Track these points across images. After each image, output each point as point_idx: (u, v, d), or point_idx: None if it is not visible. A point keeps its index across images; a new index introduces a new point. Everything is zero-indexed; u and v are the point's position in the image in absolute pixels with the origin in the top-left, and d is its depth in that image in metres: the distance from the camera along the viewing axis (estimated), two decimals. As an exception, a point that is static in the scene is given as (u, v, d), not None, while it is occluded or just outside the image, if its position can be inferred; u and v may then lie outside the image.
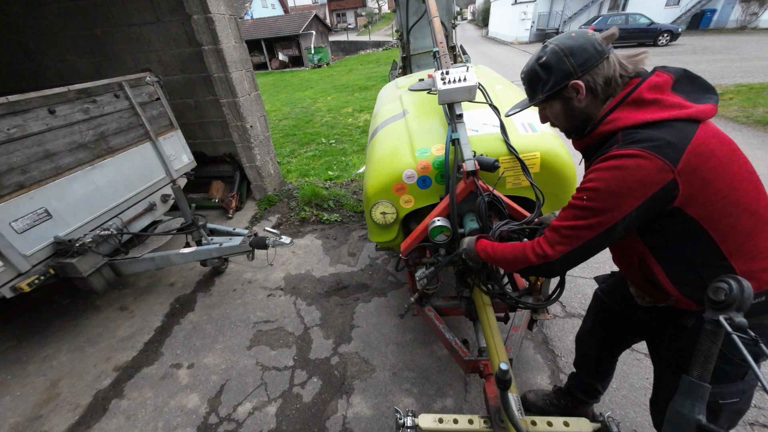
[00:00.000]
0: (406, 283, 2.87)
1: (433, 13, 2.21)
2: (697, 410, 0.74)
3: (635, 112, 0.91)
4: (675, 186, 0.84)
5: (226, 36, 3.55)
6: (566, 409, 1.75)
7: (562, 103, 1.02)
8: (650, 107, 0.89)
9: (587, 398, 1.68)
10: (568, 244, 0.98)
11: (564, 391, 1.76)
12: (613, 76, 0.94)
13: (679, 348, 1.09)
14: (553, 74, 0.97)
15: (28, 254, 2.14)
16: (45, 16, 3.87)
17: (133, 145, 2.88)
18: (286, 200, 4.43)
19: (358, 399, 2.04)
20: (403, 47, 4.33)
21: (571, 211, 0.98)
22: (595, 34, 0.94)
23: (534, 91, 1.05)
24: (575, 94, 0.98)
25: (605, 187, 0.89)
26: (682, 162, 0.83)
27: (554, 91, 1.00)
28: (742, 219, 0.88)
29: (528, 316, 1.81)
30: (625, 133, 0.91)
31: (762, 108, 5.70)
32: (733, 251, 0.89)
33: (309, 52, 22.17)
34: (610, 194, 0.88)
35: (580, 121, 1.04)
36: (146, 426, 2.02)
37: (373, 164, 1.89)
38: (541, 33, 22.17)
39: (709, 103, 0.88)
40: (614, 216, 0.90)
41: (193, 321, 2.74)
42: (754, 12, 17.17)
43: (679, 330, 1.07)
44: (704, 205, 0.86)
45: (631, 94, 0.92)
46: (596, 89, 0.96)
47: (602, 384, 1.64)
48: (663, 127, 0.86)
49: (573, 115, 1.03)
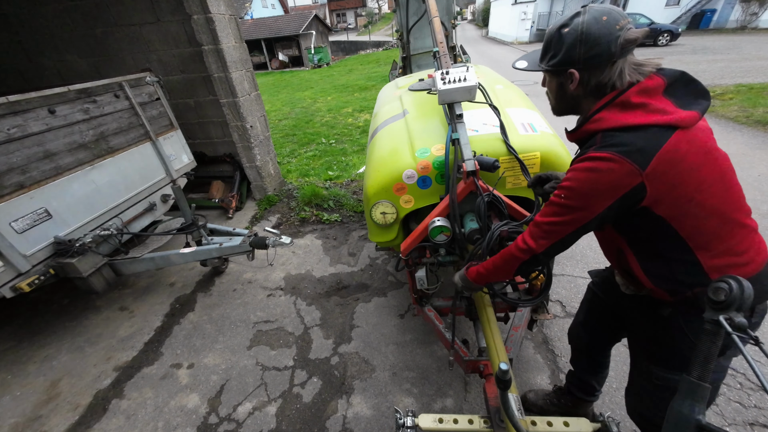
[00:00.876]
0: (406, 283, 2.87)
1: (433, 13, 2.21)
2: (697, 410, 0.74)
3: (619, 115, 0.94)
4: (643, 188, 0.89)
5: (226, 36, 3.55)
6: (566, 408, 1.76)
7: (557, 82, 1.06)
8: (635, 111, 0.92)
9: (585, 396, 1.69)
10: (548, 238, 1.06)
11: (564, 390, 1.77)
12: (606, 83, 0.96)
13: (653, 336, 1.16)
14: (563, 52, 0.98)
15: (28, 254, 2.14)
16: (45, 16, 3.86)
17: (133, 145, 2.88)
18: (286, 200, 4.43)
19: (358, 399, 2.04)
20: (403, 47, 4.33)
21: (551, 208, 1.04)
22: (621, 31, 0.90)
23: (544, 55, 1.07)
24: (569, 81, 1.01)
25: (578, 187, 0.95)
26: (650, 167, 0.87)
27: (555, 70, 1.03)
28: (709, 220, 0.93)
29: (528, 316, 1.81)
30: (604, 134, 0.95)
31: (762, 108, 5.70)
32: (700, 247, 0.95)
33: (309, 52, 22.17)
34: (583, 194, 0.95)
35: (567, 105, 1.09)
36: (146, 426, 2.02)
37: (373, 164, 1.89)
38: (541, 33, 22.15)
39: (694, 111, 0.91)
40: (586, 215, 0.97)
41: (193, 321, 2.74)
42: (754, 12, 17.17)
43: (655, 319, 1.13)
44: (671, 206, 0.92)
45: (619, 96, 0.95)
46: (587, 87, 0.99)
47: (597, 380, 1.66)
48: (640, 131, 0.90)
49: (562, 97, 1.08)
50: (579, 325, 1.60)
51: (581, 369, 1.67)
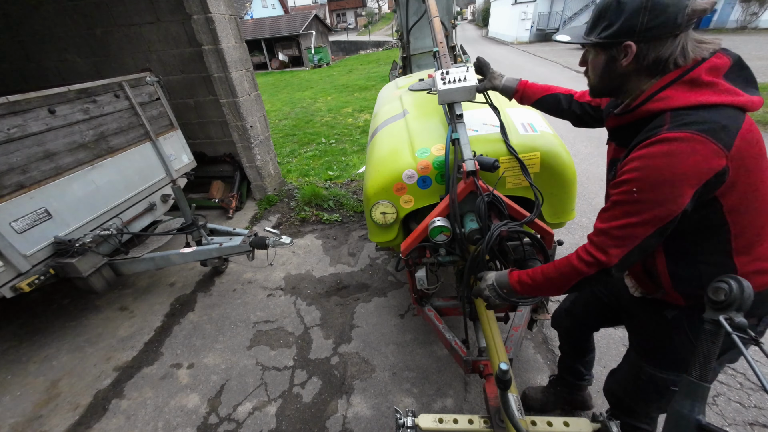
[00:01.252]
0: (406, 283, 2.87)
1: (433, 13, 2.21)
2: (697, 410, 0.74)
3: (689, 93, 0.84)
4: (726, 172, 0.80)
5: (226, 36, 3.55)
6: (563, 395, 1.83)
7: (606, 58, 0.94)
8: (705, 90, 0.83)
9: (575, 380, 1.75)
10: (622, 246, 0.88)
11: (557, 377, 1.84)
12: (667, 59, 0.86)
13: (651, 336, 1.15)
14: (621, 21, 0.86)
15: (28, 254, 2.14)
16: (45, 16, 3.87)
17: (133, 145, 2.88)
18: (286, 200, 4.43)
19: (358, 399, 2.04)
20: (403, 47, 4.32)
21: (621, 208, 0.88)
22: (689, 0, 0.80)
23: (594, 26, 0.94)
24: (622, 56, 0.90)
25: (655, 176, 0.81)
26: (734, 147, 0.79)
27: (608, 42, 0.90)
28: (760, 215, 0.87)
29: (528, 316, 1.82)
30: (674, 114, 0.84)
31: (762, 108, 5.70)
32: (741, 249, 0.90)
33: (309, 52, 22.17)
34: (661, 184, 0.81)
35: (612, 84, 0.97)
36: (146, 426, 2.02)
37: (373, 164, 1.89)
38: (541, 33, 22.17)
39: (758, 96, 0.84)
40: (671, 208, 0.82)
41: (193, 321, 2.74)
42: (754, 12, 17.15)
43: (657, 320, 1.11)
44: (739, 195, 0.84)
45: (688, 73, 0.85)
46: (643, 62, 0.88)
47: (582, 364, 1.71)
48: (716, 110, 0.81)
49: (609, 74, 0.95)
50: (563, 311, 1.64)
51: (565, 354, 1.74)
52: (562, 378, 1.79)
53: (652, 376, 1.15)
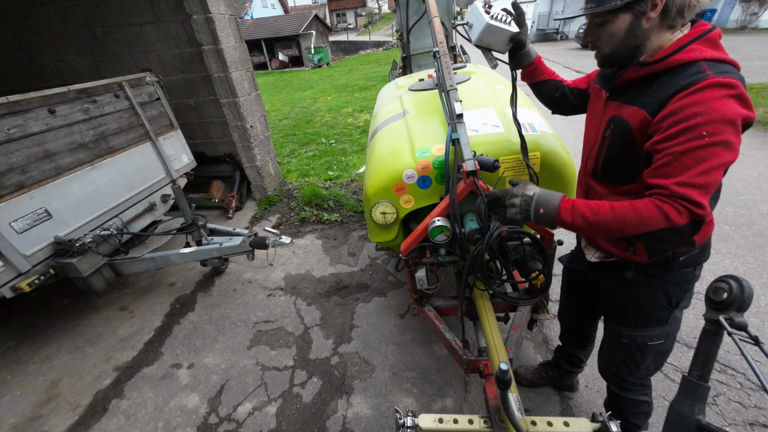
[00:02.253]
0: (406, 283, 2.87)
1: (433, 13, 2.20)
2: (696, 410, 0.74)
3: (713, 50, 0.89)
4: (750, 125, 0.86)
5: (226, 36, 3.55)
6: (554, 380, 1.94)
7: (631, 18, 0.94)
8: (722, 50, 0.90)
9: (572, 368, 1.85)
10: (707, 192, 0.84)
11: (551, 363, 1.94)
12: (689, 5, 0.89)
13: (619, 299, 1.25)
14: None
15: (28, 254, 2.14)
16: (45, 16, 3.86)
17: (133, 145, 2.88)
18: (286, 200, 4.43)
19: (358, 399, 2.04)
20: (403, 47, 4.32)
21: (693, 156, 0.83)
22: None
23: None
24: (650, 9, 0.91)
25: (721, 116, 0.81)
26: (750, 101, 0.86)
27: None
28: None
29: (528, 316, 1.81)
30: (710, 63, 0.87)
31: (762, 108, 5.70)
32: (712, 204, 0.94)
33: (309, 52, 22.17)
34: (729, 122, 0.82)
35: (633, 45, 0.98)
36: (146, 426, 2.02)
37: (373, 164, 1.89)
38: (541, 33, 22.16)
39: None
40: (734, 150, 0.83)
41: (193, 321, 2.74)
42: (754, 12, 17.15)
43: (619, 282, 1.21)
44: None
45: (709, 32, 0.91)
46: (670, 12, 0.91)
47: (584, 353, 1.80)
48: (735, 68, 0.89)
49: (632, 36, 0.96)
50: (565, 311, 1.74)
51: (570, 344, 1.81)
52: (557, 365, 1.89)
53: (631, 336, 1.26)
